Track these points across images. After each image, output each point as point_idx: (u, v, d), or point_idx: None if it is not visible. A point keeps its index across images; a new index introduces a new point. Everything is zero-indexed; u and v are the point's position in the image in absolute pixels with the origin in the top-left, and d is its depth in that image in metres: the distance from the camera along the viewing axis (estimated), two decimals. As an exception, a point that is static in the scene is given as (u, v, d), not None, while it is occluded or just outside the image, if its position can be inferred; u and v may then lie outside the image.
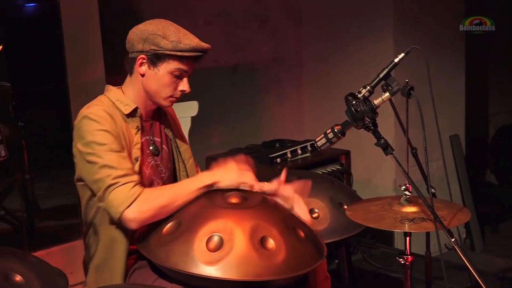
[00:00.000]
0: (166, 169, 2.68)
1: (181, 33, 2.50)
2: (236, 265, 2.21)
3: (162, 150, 2.67)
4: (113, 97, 2.56)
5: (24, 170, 4.44)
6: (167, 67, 2.48)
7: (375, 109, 2.40)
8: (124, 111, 2.53)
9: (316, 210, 2.90)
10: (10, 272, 2.14)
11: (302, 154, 4.20)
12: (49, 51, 4.21)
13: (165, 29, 2.48)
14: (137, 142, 2.55)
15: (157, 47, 2.45)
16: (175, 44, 2.44)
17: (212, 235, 2.27)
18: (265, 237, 2.29)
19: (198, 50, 2.49)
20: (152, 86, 2.52)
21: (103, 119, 2.43)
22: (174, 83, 2.52)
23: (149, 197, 2.37)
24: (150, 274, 2.46)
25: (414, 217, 2.50)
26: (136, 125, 2.56)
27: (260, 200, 2.50)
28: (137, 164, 2.52)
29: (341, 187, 3.12)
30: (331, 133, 2.47)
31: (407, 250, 2.63)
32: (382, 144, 2.39)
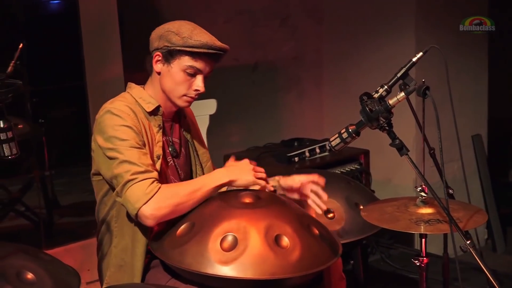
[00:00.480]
0: (183, 171, 2.67)
1: (195, 30, 2.46)
2: (251, 264, 2.20)
3: (180, 153, 2.66)
4: (136, 94, 2.55)
5: (44, 167, 4.45)
6: (179, 64, 2.45)
7: (390, 109, 2.37)
8: (147, 108, 2.52)
9: (332, 210, 2.88)
10: (22, 270, 2.12)
11: (321, 153, 4.17)
12: (69, 48, 4.21)
13: (181, 27, 2.46)
14: (159, 140, 2.53)
15: (169, 43, 2.43)
16: (186, 39, 2.41)
17: (226, 235, 2.27)
18: (279, 235, 2.28)
19: (209, 47, 2.43)
20: (167, 84, 2.50)
21: (125, 114, 2.42)
22: (187, 81, 2.48)
23: (166, 194, 2.34)
24: (163, 274, 2.45)
25: (430, 219, 2.46)
26: (158, 123, 2.55)
27: (273, 199, 2.49)
28: (158, 162, 2.50)
29: (357, 187, 3.09)
30: (346, 133, 2.45)
31: (422, 251, 2.58)
32: (397, 144, 2.36)
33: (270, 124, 5.22)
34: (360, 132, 2.44)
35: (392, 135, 2.37)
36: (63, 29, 4.23)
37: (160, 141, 2.53)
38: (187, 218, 2.40)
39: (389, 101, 2.38)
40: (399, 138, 2.38)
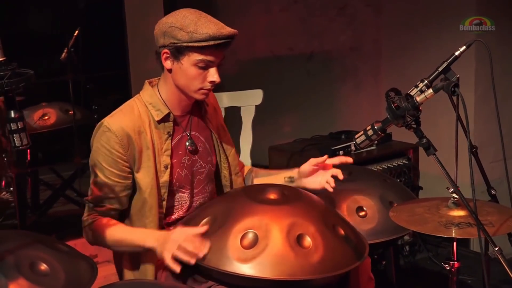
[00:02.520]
0: (206, 163, 2.62)
1: (200, 21, 2.34)
2: (270, 263, 2.15)
3: (200, 144, 2.61)
4: (147, 99, 2.51)
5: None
6: (189, 60, 2.37)
7: (417, 106, 2.27)
8: (156, 117, 2.48)
9: (364, 208, 2.77)
10: (36, 261, 2.12)
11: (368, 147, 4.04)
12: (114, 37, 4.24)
13: (184, 19, 2.35)
14: (167, 148, 2.50)
15: (175, 39, 2.35)
16: (191, 34, 2.31)
17: (247, 231, 2.21)
18: (302, 235, 2.21)
19: (217, 37, 2.32)
20: (180, 81, 2.44)
21: (114, 136, 2.40)
22: (201, 75, 2.40)
23: (97, 231, 2.49)
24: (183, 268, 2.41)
25: (460, 222, 2.35)
26: (167, 131, 2.50)
27: (299, 196, 2.42)
28: (167, 171, 2.48)
29: (394, 185, 2.98)
30: (371, 130, 2.37)
31: (453, 255, 2.47)
32: (424, 143, 2.26)
33: (324, 116, 5.13)
34: (386, 130, 2.35)
35: (419, 133, 2.27)
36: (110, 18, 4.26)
37: (168, 150, 2.50)
38: (210, 212, 2.36)
39: (417, 98, 2.28)
40: (426, 137, 2.27)
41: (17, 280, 2.03)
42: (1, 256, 2.08)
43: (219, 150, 2.68)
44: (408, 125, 2.28)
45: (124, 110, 2.49)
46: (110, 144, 2.40)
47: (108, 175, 2.42)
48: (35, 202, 4.90)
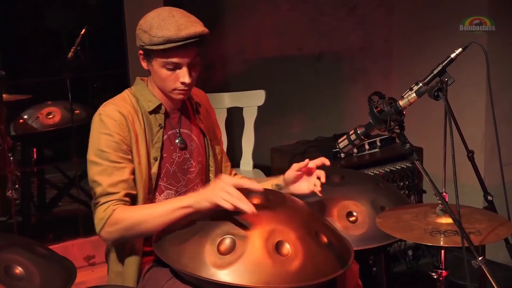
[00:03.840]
0: (196, 162, 2.58)
1: (164, 22, 2.29)
2: (247, 270, 2.09)
3: (192, 143, 2.58)
4: (138, 92, 2.49)
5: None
6: (156, 62, 2.35)
7: (401, 111, 2.22)
8: (147, 108, 2.46)
9: (355, 213, 2.70)
10: (11, 264, 2.10)
11: (370, 150, 3.98)
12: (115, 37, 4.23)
13: (152, 20, 2.32)
14: (157, 141, 2.47)
15: (141, 42, 2.34)
16: (151, 38, 2.29)
17: (225, 237, 2.16)
18: (281, 242, 2.15)
19: (173, 40, 2.26)
20: (156, 81, 2.44)
21: (112, 120, 2.37)
22: (171, 76, 2.37)
23: (118, 218, 2.32)
24: (165, 273, 2.37)
25: (447, 230, 2.28)
26: (158, 123, 2.48)
27: (283, 201, 2.37)
28: (156, 163, 2.45)
29: (388, 189, 2.90)
30: (354, 134, 2.31)
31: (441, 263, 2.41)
32: (407, 149, 2.21)
33: (332, 117, 5.07)
34: (369, 134, 2.30)
35: (402, 138, 2.22)
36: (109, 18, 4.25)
37: (158, 142, 2.47)
38: (190, 216, 2.32)
39: (400, 102, 2.22)
40: (409, 142, 2.22)
41: (-9, 283, 2.02)
42: (-24, 259, 2.07)
43: (209, 152, 2.64)
44: (391, 129, 2.22)
45: (117, 99, 2.47)
46: (110, 129, 2.35)
47: (114, 159, 2.36)
48: (40, 201, 4.91)
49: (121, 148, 2.38)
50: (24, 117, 4.62)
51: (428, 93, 2.17)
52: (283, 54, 4.99)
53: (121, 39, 3.84)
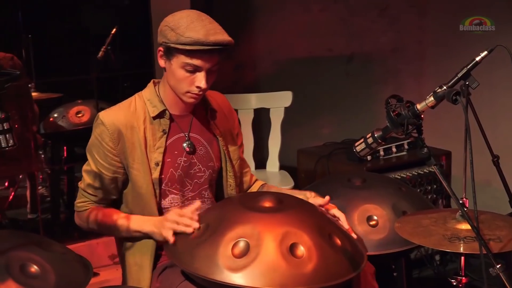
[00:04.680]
0: (206, 167, 2.57)
1: (193, 24, 2.29)
2: (261, 273, 2.07)
3: (201, 147, 2.57)
4: (146, 96, 2.50)
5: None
6: (177, 61, 2.33)
7: (418, 114, 2.18)
8: (151, 113, 2.46)
9: (375, 217, 2.66)
10: (27, 262, 2.11)
11: (397, 153, 3.92)
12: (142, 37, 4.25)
13: (180, 20, 2.31)
14: (160, 146, 2.47)
15: (165, 39, 2.33)
16: (178, 37, 2.28)
17: (238, 240, 2.15)
18: (295, 244, 2.13)
19: (201, 43, 2.26)
20: (170, 81, 2.42)
21: (106, 130, 2.42)
22: (188, 78, 2.36)
23: (91, 218, 2.52)
24: (178, 275, 2.37)
25: (467, 236, 2.24)
26: (162, 128, 2.48)
27: (295, 204, 2.35)
28: (157, 168, 2.46)
29: (410, 194, 2.86)
30: (371, 138, 2.28)
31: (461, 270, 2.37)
32: (424, 153, 2.17)
33: (362, 119, 5.01)
34: (386, 138, 2.26)
35: (420, 142, 2.18)
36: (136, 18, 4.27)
37: (161, 147, 2.47)
38: (203, 219, 2.31)
39: (418, 105, 2.18)
40: (427, 147, 2.18)
41: (6, 281, 2.03)
42: (-8, 257, 2.09)
43: (225, 157, 2.62)
44: (409, 133, 2.18)
45: (120, 105, 2.51)
46: (102, 137, 2.44)
47: (98, 167, 2.47)
48: (69, 199, 4.94)
49: (106, 159, 2.45)
50: (54, 116, 4.66)
51: (446, 96, 2.13)
52: (313, 55, 4.96)
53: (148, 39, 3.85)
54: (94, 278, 3.67)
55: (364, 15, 5.04)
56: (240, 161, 2.68)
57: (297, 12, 4.88)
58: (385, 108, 2.19)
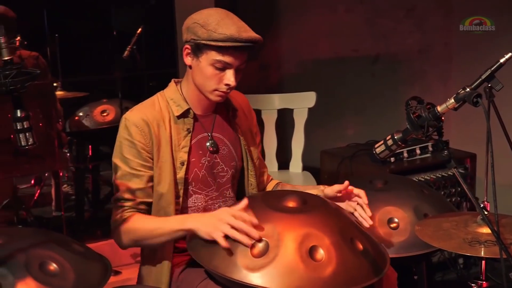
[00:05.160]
0: (228, 167, 2.56)
1: (223, 21, 2.29)
2: (279, 274, 2.06)
3: (224, 147, 2.56)
4: (169, 95, 2.49)
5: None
6: (207, 58, 2.32)
7: (439, 117, 2.15)
8: (175, 112, 2.45)
9: (396, 220, 2.64)
10: (46, 261, 2.12)
11: (422, 155, 3.88)
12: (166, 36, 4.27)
13: (208, 17, 2.31)
14: (185, 145, 2.46)
15: (195, 36, 2.32)
16: (210, 33, 2.27)
17: None
18: (315, 247, 2.11)
19: (234, 40, 2.26)
20: (197, 79, 2.40)
21: (135, 128, 2.39)
22: (217, 75, 2.35)
23: (130, 228, 2.41)
24: (200, 273, 2.37)
25: (487, 240, 2.21)
26: (186, 127, 2.47)
27: (319, 205, 2.33)
28: (183, 168, 2.44)
29: (432, 196, 2.83)
30: (391, 140, 2.27)
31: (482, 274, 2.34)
32: (444, 156, 2.14)
33: (388, 120, 4.97)
34: (407, 140, 2.24)
35: (440, 145, 2.16)
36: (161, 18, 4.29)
37: (186, 146, 2.46)
38: None
39: (438, 107, 2.16)
40: (448, 150, 2.15)
41: (25, 279, 2.03)
42: (12, 255, 2.09)
43: (247, 156, 2.62)
44: (429, 136, 2.16)
45: (144, 104, 2.49)
46: (132, 136, 2.39)
47: (134, 166, 2.41)
48: (94, 197, 4.98)
49: (141, 156, 2.40)
50: (79, 114, 4.70)
51: (467, 99, 2.10)
52: (339, 55, 4.94)
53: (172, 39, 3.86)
54: (116, 277, 3.72)
55: (390, 15, 5.01)
56: (258, 161, 2.68)
57: (323, 12, 4.87)
58: (405, 110, 2.15)
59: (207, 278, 2.33)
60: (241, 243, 2.12)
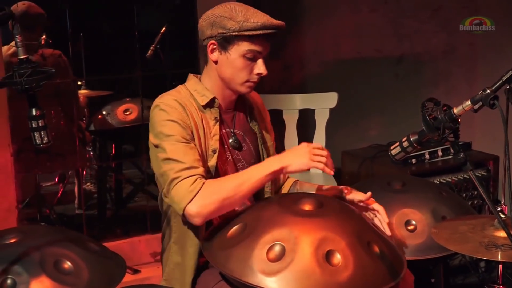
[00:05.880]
0: (249, 164, 2.54)
1: (249, 12, 2.33)
2: (295, 278, 2.03)
3: (244, 144, 2.56)
4: (191, 87, 2.48)
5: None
6: (238, 50, 2.34)
7: (455, 118, 2.13)
8: (201, 101, 2.43)
9: (413, 222, 2.62)
10: (61, 259, 2.14)
11: (443, 156, 3.85)
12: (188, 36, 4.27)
13: (232, 10, 2.33)
14: (215, 133, 2.44)
15: (224, 29, 2.32)
16: (242, 23, 2.29)
17: (274, 243, 2.11)
18: (331, 251, 2.09)
19: (268, 27, 2.30)
20: (227, 72, 2.40)
21: (172, 109, 2.34)
22: (248, 66, 2.37)
23: (211, 189, 2.24)
24: (215, 275, 2.36)
25: (504, 244, 2.18)
26: (214, 116, 2.45)
27: (336, 208, 2.30)
28: (214, 156, 2.42)
29: (451, 198, 2.79)
30: (407, 141, 2.24)
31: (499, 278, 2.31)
32: (460, 158, 2.12)
33: (411, 122, 4.90)
34: (422, 142, 2.22)
35: (456, 147, 2.13)
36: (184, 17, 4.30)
37: (216, 134, 2.44)
38: (241, 219, 2.29)
39: (454, 109, 2.13)
40: (464, 152, 2.13)
41: (39, 277, 2.06)
42: (27, 252, 2.12)
43: (263, 154, 2.61)
44: (445, 137, 2.13)
45: (171, 92, 2.46)
46: (173, 116, 2.33)
47: (184, 139, 2.32)
48: (117, 196, 5.00)
49: (186, 132, 2.34)
50: (103, 113, 4.72)
51: (483, 101, 2.08)
52: (362, 55, 4.91)
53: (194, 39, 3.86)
54: (135, 275, 3.73)
55: (415, 16, 4.97)
56: None
57: (346, 12, 4.84)
58: (420, 111, 2.13)
59: (222, 280, 2.32)
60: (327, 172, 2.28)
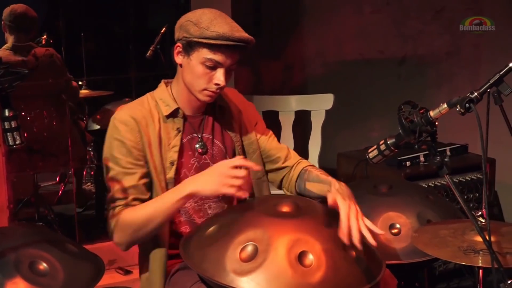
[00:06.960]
0: None
1: (216, 20, 2.28)
2: (266, 279, 2.02)
3: (213, 147, 2.53)
4: (158, 95, 2.46)
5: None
6: (198, 56, 2.29)
7: (432, 122, 2.10)
8: (164, 112, 2.42)
9: (398, 225, 2.59)
10: (36, 260, 2.13)
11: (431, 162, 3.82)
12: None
13: (202, 16, 2.29)
14: (175, 144, 2.43)
15: (187, 34, 2.29)
16: (202, 31, 2.25)
17: (247, 244, 2.10)
18: (304, 252, 2.07)
19: (226, 38, 2.24)
20: (187, 77, 2.37)
21: (125, 127, 2.36)
22: (207, 74, 2.32)
23: (126, 221, 2.33)
24: (192, 276, 2.34)
25: (483, 248, 2.15)
26: (176, 127, 2.44)
27: (313, 210, 2.29)
28: (172, 168, 2.42)
29: (438, 203, 2.75)
30: (384, 145, 2.21)
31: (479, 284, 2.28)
32: (436, 162, 2.09)
33: (414, 123, 4.91)
34: (400, 146, 2.19)
35: (432, 151, 2.10)
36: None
37: (176, 146, 2.43)
38: (219, 220, 2.29)
39: (431, 113, 2.11)
40: (440, 156, 2.10)
41: (14, 278, 2.05)
42: (3, 253, 2.11)
43: (243, 152, 2.58)
44: (421, 141, 2.11)
45: (133, 103, 2.47)
46: (121, 135, 2.36)
47: (124, 165, 2.37)
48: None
49: (132, 154, 2.36)
50: (102, 113, 4.73)
51: (460, 104, 2.05)
52: (364, 57, 4.89)
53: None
54: (127, 276, 3.72)
55: (418, 17, 4.95)
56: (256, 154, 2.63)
57: (349, 13, 4.83)
58: (397, 114, 2.11)
59: (199, 281, 2.31)
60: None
